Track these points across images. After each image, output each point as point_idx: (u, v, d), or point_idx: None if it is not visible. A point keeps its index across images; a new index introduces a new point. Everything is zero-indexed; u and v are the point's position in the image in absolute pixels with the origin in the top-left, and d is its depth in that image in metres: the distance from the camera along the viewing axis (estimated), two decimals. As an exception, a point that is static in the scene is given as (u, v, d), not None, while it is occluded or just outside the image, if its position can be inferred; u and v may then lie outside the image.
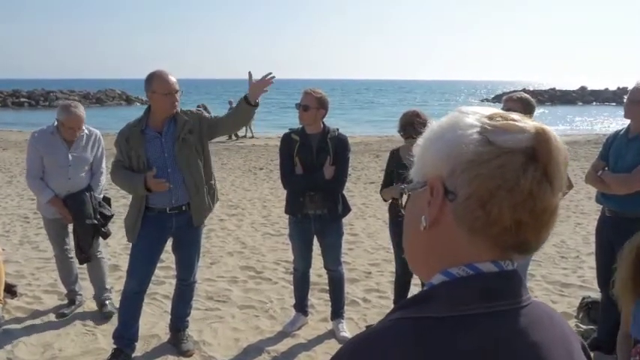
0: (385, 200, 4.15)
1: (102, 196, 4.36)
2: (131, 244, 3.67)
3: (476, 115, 0.77)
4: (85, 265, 4.42)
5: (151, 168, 3.44)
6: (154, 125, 3.52)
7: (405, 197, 0.85)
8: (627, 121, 3.56)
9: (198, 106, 22.47)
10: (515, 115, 0.77)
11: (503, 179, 0.72)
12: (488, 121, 0.75)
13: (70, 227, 4.31)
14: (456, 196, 0.74)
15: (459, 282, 0.74)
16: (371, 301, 4.75)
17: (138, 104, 46.77)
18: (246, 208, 8.54)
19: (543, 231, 0.76)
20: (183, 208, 3.60)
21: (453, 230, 0.76)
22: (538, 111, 3.96)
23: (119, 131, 3.65)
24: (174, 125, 3.54)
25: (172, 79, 3.48)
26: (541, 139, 0.73)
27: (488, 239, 0.74)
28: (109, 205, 4.42)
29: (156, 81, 3.45)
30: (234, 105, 4.25)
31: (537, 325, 0.74)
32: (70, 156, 4.13)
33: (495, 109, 0.80)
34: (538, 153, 0.73)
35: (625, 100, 3.52)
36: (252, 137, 20.67)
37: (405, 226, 0.85)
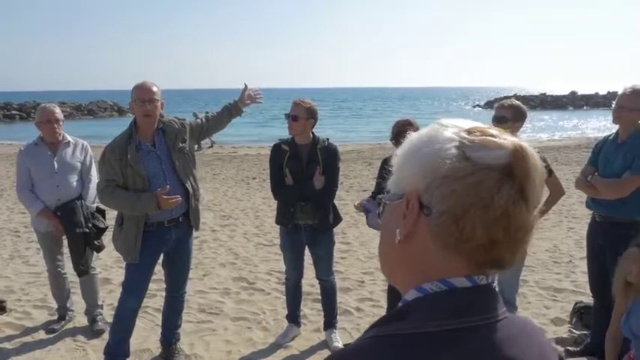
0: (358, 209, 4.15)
1: (95, 206, 4.30)
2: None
3: (455, 128, 0.77)
4: (76, 280, 4.38)
5: (150, 183, 3.39)
6: (145, 138, 3.47)
7: (381, 207, 0.84)
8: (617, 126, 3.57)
9: (194, 114, 22.56)
10: (494, 131, 0.76)
11: (477, 196, 0.71)
12: (466, 136, 0.75)
13: (65, 242, 4.27)
14: (431, 211, 0.74)
15: (433, 298, 0.74)
16: (364, 311, 4.73)
17: (130, 115, 46.69)
18: (239, 219, 8.50)
19: (518, 248, 0.75)
20: (180, 219, 3.59)
21: (427, 245, 0.75)
22: (530, 115, 3.98)
23: (106, 148, 3.49)
24: (163, 136, 3.52)
25: (152, 88, 3.43)
26: (518, 156, 0.73)
27: (462, 255, 0.74)
28: (104, 216, 4.34)
29: (134, 89, 3.45)
30: (199, 116, 4.38)
31: (513, 340, 0.73)
32: (55, 163, 4.12)
33: (476, 123, 0.79)
34: (515, 170, 0.72)
35: (614, 106, 3.54)
36: (212, 147, 20.68)
37: (380, 236, 0.85)
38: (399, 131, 3.79)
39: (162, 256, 3.72)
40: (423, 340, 0.69)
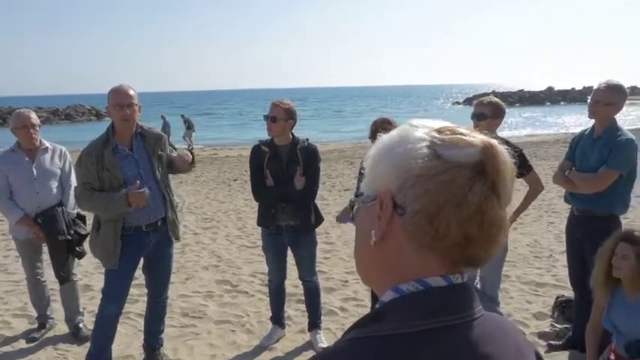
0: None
1: (76, 212, 4.24)
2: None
3: (425, 128, 0.78)
4: (56, 287, 4.32)
5: (127, 187, 3.34)
6: (122, 142, 3.43)
7: (355, 210, 0.84)
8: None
9: (182, 117, 22.37)
10: (463, 129, 0.78)
11: (450, 194, 0.72)
12: (437, 135, 0.75)
13: (45, 249, 4.21)
14: (405, 210, 0.74)
15: (410, 298, 0.74)
16: (348, 310, 4.73)
17: (108, 119, 46.28)
18: (221, 221, 8.46)
19: (492, 245, 0.76)
20: (159, 223, 3.55)
21: (402, 245, 0.76)
22: (508, 111, 4.02)
23: (82, 151, 3.44)
24: (142, 141, 3.48)
25: (129, 91, 3.38)
26: (489, 153, 0.74)
27: (438, 254, 0.75)
28: (84, 222, 4.28)
29: (111, 94, 3.40)
30: (188, 119, 4.29)
31: (489, 338, 0.74)
32: (34, 170, 4.06)
33: (445, 123, 0.80)
34: (486, 167, 0.73)
35: (589, 101, 3.58)
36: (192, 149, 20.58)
37: (355, 238, 0.85)
38: (377, 129, 3.80)
39: (142, 260, 3.68)
40: (401, 340, 0.70)
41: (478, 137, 0.76)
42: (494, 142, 0.75)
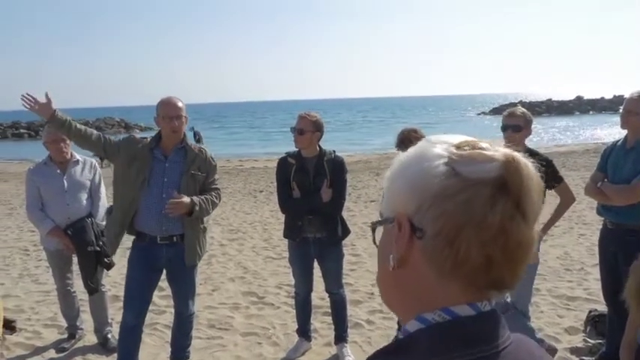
0: None
1: (104, 223, 4.30)
2: (126, 275, 3.62)
3: (444, 144, 0.73)
4: (85, 298, 4.38)
5: (148, 185, 3.43)
6: (163, 149, 3.53)
7: (377, 232, 0.80)
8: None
9: (192, 129, 22.63)
10: (484, 143, 0.73)
11: (470, 215, 0.67)
12: (455, 151, 0.71)
13: (75, 260, 4.28)
14: (424, 233, 0.70)
15: (437, 329, 0.70)
16: (375, 323, 4.69)
17: (138, 131, 47.01)
18: (247, 232, 8.49)
19: (518, 266, 0.71)
20: (175, 239, 3.53)
21: (423, 270, 0.72)
22: (536, 121, 3.96)
23: (130, 135, 3.75)
24: (183, 155, 3.54)
25: (177, 104, 3.49)
26: (511, 168, 0.69)
27: (460, 279, 0.70)
28: None
29: (161, 105, 3.50)
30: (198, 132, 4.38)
31: None
32: (65, 182, 4.13)
33: (465, 137, 0.75)
34: (508, 183, 0.68)
35: (621, 111, 3.51)
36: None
37: (378, 263, 0.80)
38: (405, 138, 3.78)
39: (166, 273, 3.70)
40: None
41: (500, 151, 0.71)
42: (517, 155, 0.71)
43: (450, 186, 0.68)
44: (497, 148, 0.72)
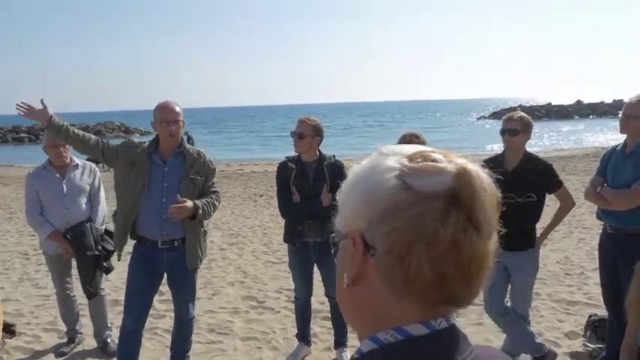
0: None
1: (104, 228, 4.33)
2: (126, 279, 3.62)
3: (396, 156, 0.71)
4: (85, 302, 4.37)
5: (148, 190, 3.44)
6: (161, 154, 3.54)
7: (334, 248, 0.77)
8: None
9: (185, 133, 22.62)
10: (438, 154, 0.70)
11: (420, 230, 0.65)
12: (407, 163, 0.69)
13: (74, 264, 4.28)
14: (376, 250, 0.68)
15: (389, 349, 0.68)
16: (375, 328, 4.68)
17: (138, 135, 47.09)
18: (247, 237, 8.49)
19: (473, 282, 0.69)
20: (176, 243, 3.54)
21: (377, 288, 0.70)
22: (536, 125, 3.96)
23: (128, 140, 3.78)
24: (182, 160, 3.54)
25: (175, 108, 3.49)
26: (462, 180, 0.66)
27: (413, 296, 0.68)
28: (112, 238, 4.36)
29: (158, 110, 3.50)
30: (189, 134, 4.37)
31: None
32: (64, 186, 4.13)
33: (419, 147, 0.73)
34: (460, 196, 0.66)
35: (620, 115, 3.51)
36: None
37: (336, 279, 0.77)
38: (406, 143, 3.77)
39: (167, 277, 3.71)
40: None
41: (453, 162, 0.69)
42: (471, 166, 0.68)
43: (400, 200, 0.66)
44: (452, 159, 0.69)
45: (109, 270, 4.27)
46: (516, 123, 3.64)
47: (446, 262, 0.66)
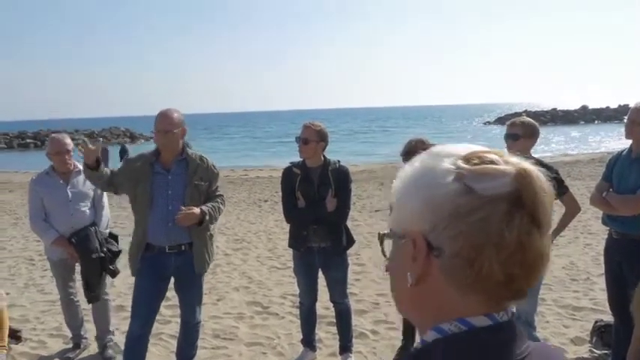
0: None
1: (108, 231, 4.35)
2: (134, 284, 3.63)
3: (451, 157, 0.72)
4: (89, 306, 4.38)
5: (153, 203, 3.46)
6: (164, 162, 3.56)
7: (384, 245, 0.80)
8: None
9: (121, 145, 23.47)
10: (493, 155, 0.72)
11: (487, 233, 0.67)
12: (464, 165, 0.70)
13: (77, 269, 4.29)
14: (442, 252, 0.70)
15: (453, 339, 0.70)
16: (380, 333, 4.67)
17: (142, 141, 47.24)
18: (252, 242, 8.50)
19: (536, 276, 0.71)
20: (183, 247, 3.57)
21: (441, 285, 0.72)
22: (541, 130, 3.94)
23: (129, 157, 3.81)
24: (185, 167, 3.56)
25: (170, 116, 3.49)
26: (524, 182, 0.68)
27: (481, 294, 0.70)
28: (116, 241, 4.39)
29: (156, 118, 3.52)
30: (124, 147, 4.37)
31: None
32: (68, 192, 4.15)
33: (472, 147, 0.74)
34: (523, 198, 0.68)
35: (626, 121, 3.51)
36: None
37: (390, 274, 0.80)
38: (412, 149, 3.79)
39: (174, 281, 3.72)
40: None
41: (510, 163, 0.70)
42: (529, 166, 0.70)
43: (464, 204, 0.68)
44: (507, 159, 0.71)
45: (115, 273, 4.28)
46: (518, 128, 3.65)
47: (514, 263, 0.68)
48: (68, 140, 4.25)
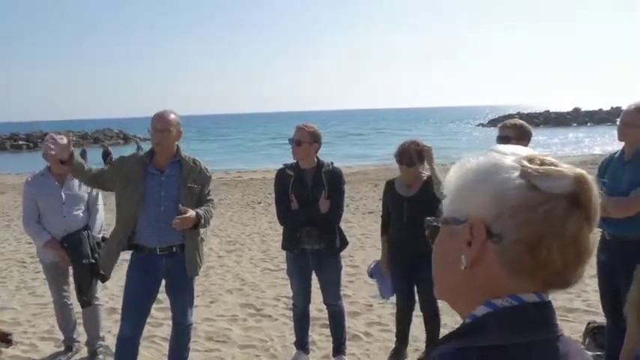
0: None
1: (101, 236, 4.31)
2: (124, 286, 3.61)
3: (514, 156, 0.81)
4: (80, 310, 4.35)
5: (144, 204, 3.44)
6: (157, 164, 3.55)
7: (430, 230, 0.88)
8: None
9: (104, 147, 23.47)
10: (551, 159, 0.81)
11: (550, 225, 0.75)
12: (528, 165, 0.79)
13: (70, 272, 4.26)
14: (502, 239, 0.77)
15: (504, 312, 0.77)
16: (373, 335, 4.67)
17: (135, 142, 47.07)
18: (245, 244, 8.48)
19: (582, 267, 0.80)
20: (174, 249, 3.55)
21: (494, 268, 0.79)
22: (534, 132, 3.96)
23: (121, 156, 3.80)
24: (178, 169, 3.55)
25: (167, 117, 3.50)
26: (583, 185, 0.77)
27: (534, 279, 0.78)
28: None
29: (153, 118, 3.52)
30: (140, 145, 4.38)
31: (573, 355, 0.79)
32: (62, 194, 4.12)
33: (529, 150, 0.83)
34: (580, 198, 0.77)
35: (618, 123, 3.52)
36: None
37: (436, 261, 0.88)
38: (405, 150, 3.81)
39: (165, 284, 3.69)
40: (499, 353, 0.74)
41: (569, 167, 0.80)
42: (585, 172, 0.79)
43: (530, 198, 0.76)
44: (564, 164, 0.80)
45: (105, 278, 4.24)
46: (509, 130, 3.67)
47: (570, 254, 0.77)
48: (65, 142, 4.20)
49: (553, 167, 0.79)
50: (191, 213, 3.42)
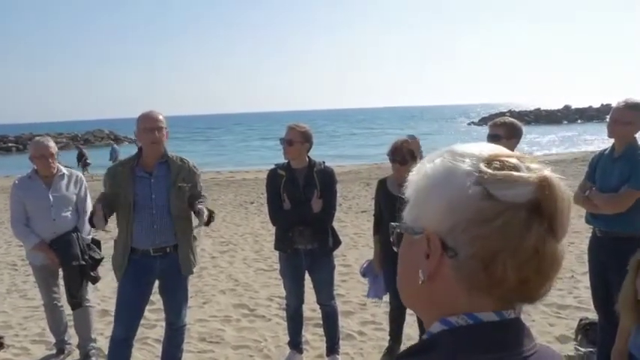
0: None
1: (90, 237, 4.29)
2: (117, 288, 3.59)
3: (472, 158, 0.72)
4: (71, 312, 4.32)
5: (135, 207, 3.42)
6: (145, 165, 3.53)
7: (395, 236, 0.81)
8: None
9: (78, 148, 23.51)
10: (514, 159, 0.73)
11: (506, 239, 0.68)
12: (485, 169, 0.70)
13: (61, 274, 4.23)
14: (456, 253, 0.71)
15: (459, 331, 0.71)
16: (367, 334, 4.67)
17: (127, 143, 46.85)
18: (238, 244, 8.46)
19: (547, 282, 0.73)
20: (168, 250, 3.54)
21: (451, 283, 0.72)
22: (525, 130, 3.96)
23: (107, 169, 3.69)
24: (166, 169, 3.54)
25: (157, 116, 3.48)
26: (545, 191, 0.69)
27: (491, 295, 0.71)
28: (99, 247, 4.33)
29: (141, 118, 3.50)
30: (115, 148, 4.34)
31: None
32: (50, 196, 4.09)
33: (492, 149, 0.75)
34: (543, 206, 0.69)
35: (608, 120, 3.54)
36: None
37: (399, 267, 0.81)
38: (397, 148, 3.81)
39: (158, 284, 3.68)
40: None
41: (532, 170, 0.71)
42: (550, 174, 0.70)
43: (484, 209, 0.69)
44: (528, 165, 0.72)
45: (95, 279, 4.23)
46: (499, 128, 3.67)
47: (529, 269, 0.69)
48: (52, 143, 4.19)
49: (514, 172, 0.70)
50: (204, 210, 3.45)
